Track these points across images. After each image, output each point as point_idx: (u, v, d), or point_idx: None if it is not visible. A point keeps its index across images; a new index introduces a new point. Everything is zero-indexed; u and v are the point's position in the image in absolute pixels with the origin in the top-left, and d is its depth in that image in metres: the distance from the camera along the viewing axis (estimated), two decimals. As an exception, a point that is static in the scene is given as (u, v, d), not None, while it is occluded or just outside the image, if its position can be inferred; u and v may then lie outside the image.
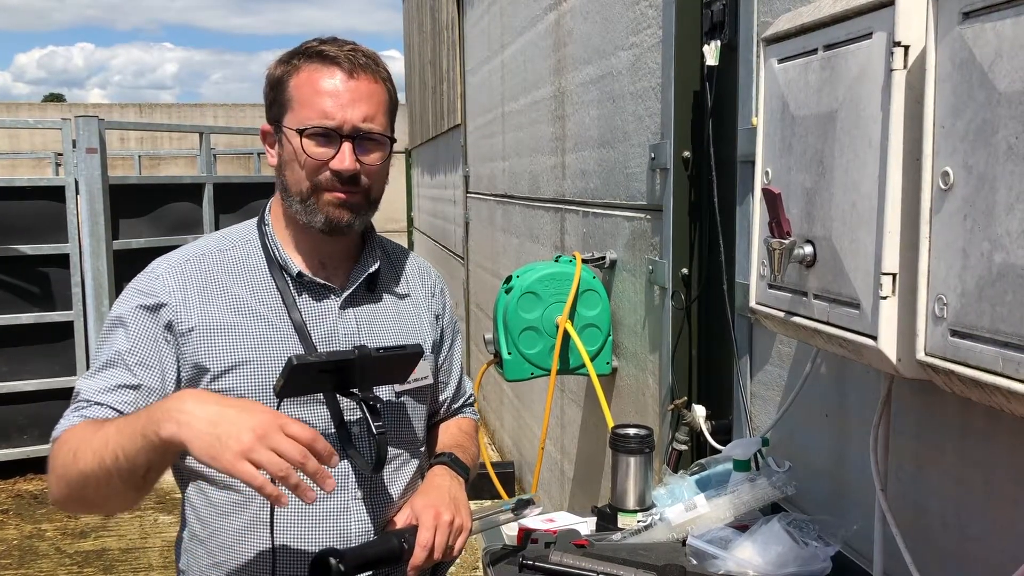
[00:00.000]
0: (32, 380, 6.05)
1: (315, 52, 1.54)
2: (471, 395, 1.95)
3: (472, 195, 6.98)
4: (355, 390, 1.50)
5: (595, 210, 3.46)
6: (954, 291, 1.06)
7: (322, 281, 1.60)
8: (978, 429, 1.34)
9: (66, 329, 6.11)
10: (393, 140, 1.59)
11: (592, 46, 3.44)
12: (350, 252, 1.66)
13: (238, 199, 7.13)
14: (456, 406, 1.90)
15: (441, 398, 1.85)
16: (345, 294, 1.62)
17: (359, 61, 1.53)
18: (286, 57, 1.57)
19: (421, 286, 1.78)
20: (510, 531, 1.91)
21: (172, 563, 1.50)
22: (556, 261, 3.26)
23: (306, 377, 1.43)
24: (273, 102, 1.57)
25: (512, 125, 5.21)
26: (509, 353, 3.03)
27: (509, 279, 3.12)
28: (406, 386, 1.64)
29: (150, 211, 6.53)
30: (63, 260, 6.05)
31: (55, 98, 51.07)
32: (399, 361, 1.54)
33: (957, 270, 1.06)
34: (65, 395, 6.20)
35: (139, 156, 16.85)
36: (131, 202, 6.37)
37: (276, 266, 1.59)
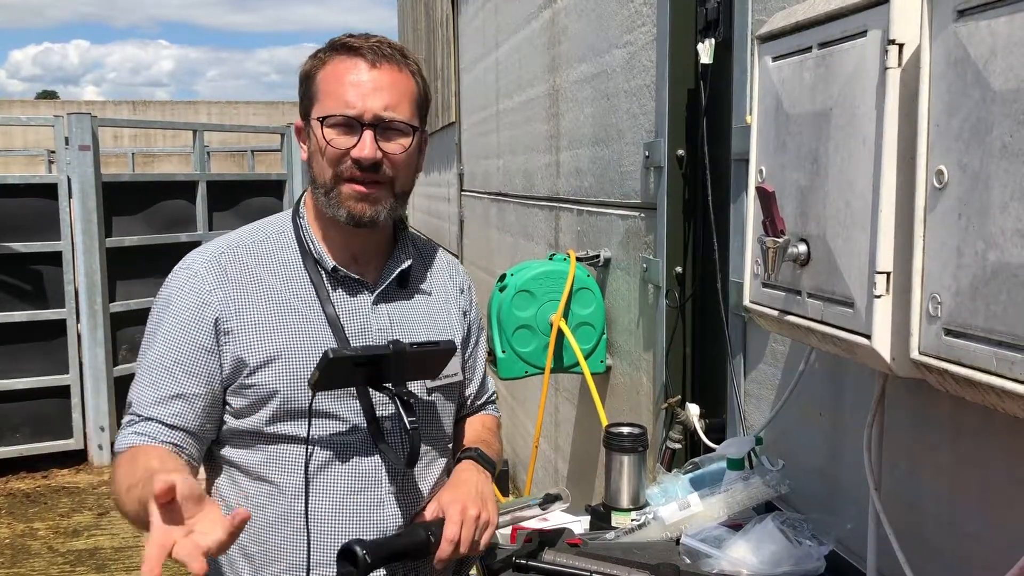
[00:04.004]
0: (25, 378, 6.02)
1: (341, 45, 1.56)
2: (493, 392, 1.95)
3: (467, 193, 6.97)
4: (389, 385, 1.52)
5: (589, 208, 3.46)
6: (948, 290, 1.06)
7: (356, 276, 1.61)
8: (972, 428, 1.34)
9: (59, 327, 6.09)
10: (419, 129, 1.59)
11: (586, 44, 3.43)
12: (382, 247, 1.66)
13: (232, 197, 7.12)
14: (479, 402, 1.90)
15: (466, 394, 1.85)
16: (378, 289, 1.62)
17: (383, 52, 1.55)
18: (315, 53, 1.60)
19: (450, 282, 1.78)
20: (503, 530, 1.90)
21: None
22: (550, 259, 3.26)
23: (341, 370, 1.45)
24: (303, 97, 1.59)
25: (506, 123, 5.21)
26: (503, 351, 3.02)
27: (503, 277, 3.12)
28: (437, 383, 1.65)
29: (143, 209, 6.51)
30: (56, 258, 6.03)
31: (48, 95, 50.93)
32: (432, 357, 1.56)
33: (951, 269, 1.05)
34: (59, 393, 6.25)
35: (132, 154, 16.79)
36: (124, 200, 6.36)
37: (311, 259, 1.60)
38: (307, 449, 1.53)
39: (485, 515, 1.56)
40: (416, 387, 1.62)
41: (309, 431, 1.52)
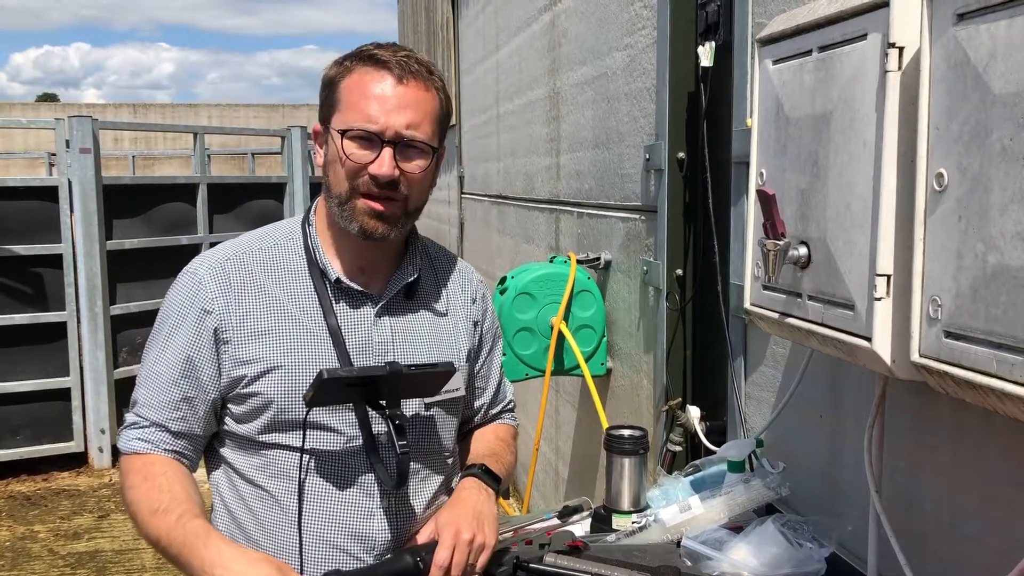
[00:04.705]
0: (25, 381, 6.02)
1: (368, 56, 1.53)
2: (511, 401, 1.92)
3: (467, 196, 6.98)
4: (383, 403, 1.52)
5: (590, 211, 3.46)
6: (948, 292, 1.06)
7: (359, 288, 1.60)
8: (972, 430, 1.34)
9: (60, 330, 6.08)
10: (437, 149, 1.57)
11: (587, 47, 3.44)
12: (391, 258, 1.65)
13: (232, 199, 7.12)
14: (494, 412, 1.87)
15: (477, 404, 1.82)
16: (382, 302, 1.61)
17: (411, 68, 1.52)
18: (341, 59, 1.57)
19: (461, 292, 1.76)
20: (507, 533, 1.90)
21: (166, 564, 1.52)
22: (551, 262, 3.26)
23: (335, 389, 1.46)
24: (324, 102, 1.57)
25: (507, 126, 5.21)
26: (504, 354, 3.02)
27: (504, 280, 3.12)
28: (436, 398, 1.63)
29: (144, 211, 6.51)
30: (56, 260, 6.03)
31: (48, 98, 50.98)
32: (430, 378, 1.55)
33: (951, 271, 1.06)
34: (59, 396, 6.24)
35: (133, 156, 16.81)
36: (125, 202, 6.36)
37: (316, 268, 1.59)
38: (300, 459, 1.53)
39: (480, 538, 1.52)
40: (414, 403, 1.61)
41: (304, 443, 1.53)
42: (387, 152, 1.49)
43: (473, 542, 1.51)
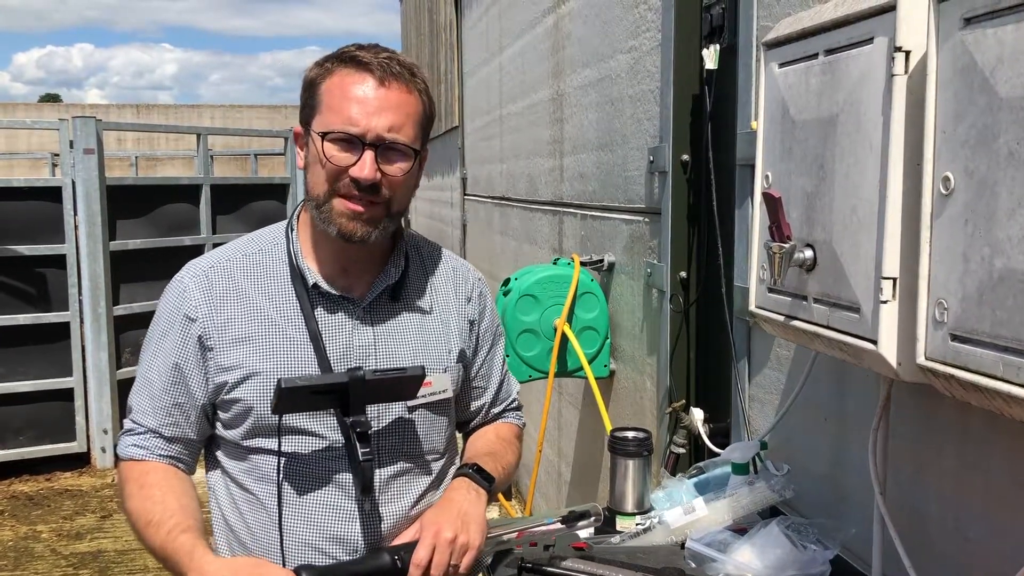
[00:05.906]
0: (29, 381, 6.03)
1: (350, 57, 1.52)
2: (514, 399, 1.89)
3: (470, 197, 6.98)
4: (358, 413, 1.51)
5: (593, 213, 3.46)
6: (955, 295, 1.07)
7: (338, 292, 1.58)
8: (977, 433, 1.34)
9: (63, 330, 6.09)
10: (419, 152, 1.55)
11: (591, 49, 3.44)
12: (375, 259, 1.62)
13: (235, 200, 7.13)
14: (496, 411, 1.85)
15: (478, 404, 1.81)
16: (364, 305, 1.60)
17: (392, 70, 1.50)
18: (322, 60, 1.56)
19: (455, 292, 1.72)
20: (511, 534, 1.90)
21: (157, 565, 1.55)
22: (554, 264, 3.27)
23: (299, 398, 1.46)
24: (305, 104, 1.56)
25: (510, 127, 5.22)
26: (507, 356, 3.02)
27: (507, 282, 3.13)
28: (419, 401, 1.61)
29: (147, 212, 6.52)
30: (60, 261, 6.04)
31: (51, 98, 51.06)
32: (399, 383, 1.53)
33: (958, 275, 1.06)
34: (62, 396, 6.23)
35: (136, 157, 16.84)
36: (128, 203, 6.37)
37: (298, 274, 1.59)
38: (279, 463, 1.54)
39: (464, 538, 1.51)
40: (397, 404, 1.60)
41: (280, 447, 1.53)
42: (368, 155, 1.47)
43: (456, 542, 1.50)
